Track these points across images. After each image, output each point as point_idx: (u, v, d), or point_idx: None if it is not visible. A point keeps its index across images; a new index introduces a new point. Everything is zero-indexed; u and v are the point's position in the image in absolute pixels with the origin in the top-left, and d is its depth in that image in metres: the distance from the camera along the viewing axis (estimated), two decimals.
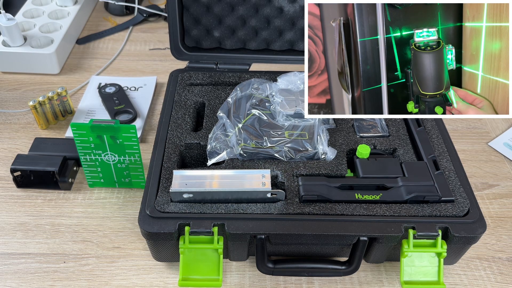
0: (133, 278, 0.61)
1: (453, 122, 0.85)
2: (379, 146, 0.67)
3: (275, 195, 0.57)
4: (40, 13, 0.99)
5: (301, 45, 0.81)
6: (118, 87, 0.86)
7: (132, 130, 0.61)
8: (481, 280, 0.62)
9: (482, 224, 0.57)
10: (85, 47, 1.01)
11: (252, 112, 0.67)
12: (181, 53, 0.81)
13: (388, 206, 0.58)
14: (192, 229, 0.54)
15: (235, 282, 0.61)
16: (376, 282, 0.61)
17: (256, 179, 0.57)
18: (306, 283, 0.61)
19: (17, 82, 0.91)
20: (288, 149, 0.63)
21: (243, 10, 0.78)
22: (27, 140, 0.78)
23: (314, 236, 0.56)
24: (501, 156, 0.79)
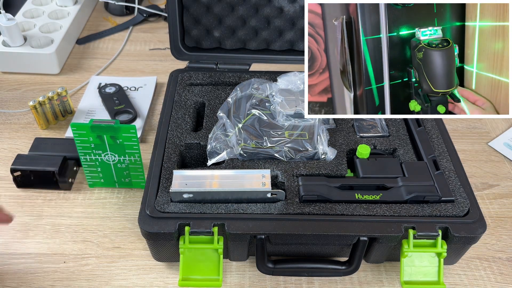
0: (133, 278, 0.61)
1: (453, 122, 0.85)
2: (379, 146, 0.67)
3: (275, 195, 0.57)
4: (40, 13, 0.99)
5: (301, 45, 0.81)
6: (118, 87, 0.86)
7: (132, 130, 0.61)
8: (481, 280, 0.62)
9: (482, 224, 0.57)
10: (85, 47, 1.01)
11: (252, 112, 0.67)
12: (181, 53, 0.81)
13: (388, 206, 0.58)
14: (192, 229, 0.54)
15: (235, 282, 0.61)
16: (376, 282, 0.61)
17: (256, 179, 0.57)
18: (306, 283, 0.61)
19: (17, 82, 0.91)
20: (288, 149, 0.63)
21: (243, 10, 0.78)
22: (27, 140, 0.78)
23: (314, 236, 0.56)
24: (501, 156, 0.79)
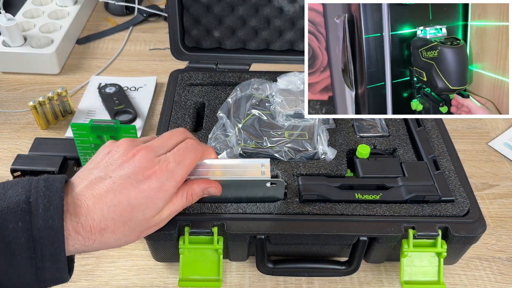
0: (133, 278, 0.61)
1: (453, 122, 0.85)
2: (379, 146, 0.67)
3: (275, 184, 0.56)
4: (40, 13, 0.99)
5: (301, 45, 0.80)
6: (118, 87, 0.86)
7: (132, 130, 0.61)
8: (481, 280, 0.62)
9: (482, 224, 0.57)
10: (85, 47, 1.02)
11: (252, 112, 0.67)
12: (181, 53, 0.81)
13: (388, 206, 0.58)
14: (192, 230, 0.55)
15: (235, 282, 0.61)
16: (376, 282, 0.61)
17: (255, 167, 0.55)
18: (306, 283, 0.61)
19: (17, 82, 0.91)
20: (288, 149, 0.63)
21: (243, 10, 0.78)
22: (27, 140, 0.78)
23: (314, 236, 0.56)
24: (501, 156, 0.79)
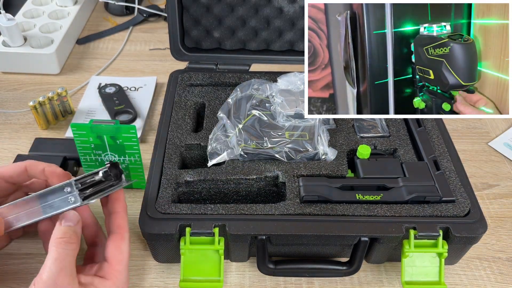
0: (133, 278, 0.61)
1: (453, 122, 0.85)
2: (379, 147, 0.67)
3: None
4: (40, 13, 0.99)
5: (301, 45, 0.80)
6: (118, 87, 0.86)
7: (132, 130, 0.61)
8: (481, 280, 0.62)
9: (483, 224, 0.57)
10: (85, 47, 1.01)
11: (252, 113, 0.67)
12: (181, 54, 0.81)
13: (389, 207, 0.58)
14: (193, 230, 0.54)
15: (235, 282, 0.61)
16: (376, 282, 0.61)
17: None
18: (306, 283, 0.61)
19: (17, 82, 0.90)
20: (289, 149, 0.63)
21: (243, 10, 0.78)
22: (27, 140, 0.78)
23: (315, 237, 0.56)
24: (501, 156, 0.79)
